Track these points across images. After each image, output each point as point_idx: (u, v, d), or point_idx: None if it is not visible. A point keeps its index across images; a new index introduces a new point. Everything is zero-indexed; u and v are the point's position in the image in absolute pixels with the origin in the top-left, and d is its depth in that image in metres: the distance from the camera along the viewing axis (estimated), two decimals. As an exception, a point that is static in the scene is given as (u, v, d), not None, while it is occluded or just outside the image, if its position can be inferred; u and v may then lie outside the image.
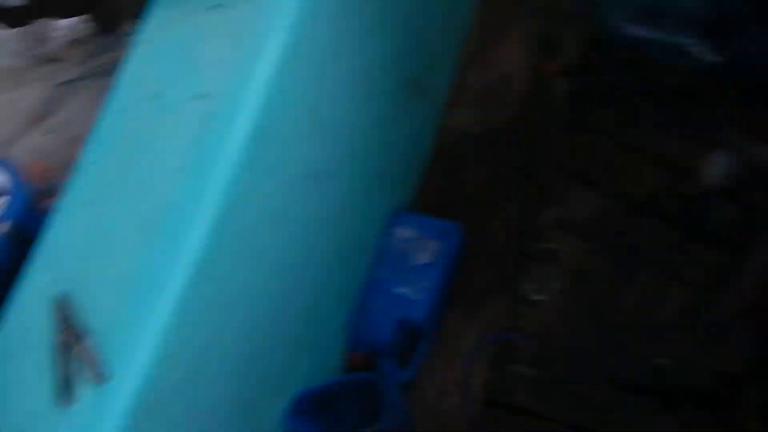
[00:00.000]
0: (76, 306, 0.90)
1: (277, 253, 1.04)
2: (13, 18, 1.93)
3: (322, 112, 1.07)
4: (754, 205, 1.26)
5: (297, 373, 1.18)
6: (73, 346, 0.87)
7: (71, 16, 2.03)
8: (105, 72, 1.88)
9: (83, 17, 2.03)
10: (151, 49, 1.07)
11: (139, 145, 0.99)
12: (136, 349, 0.84)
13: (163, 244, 0.89)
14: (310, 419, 1.18)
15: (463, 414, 1.25)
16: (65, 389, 0.84)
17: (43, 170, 1.56)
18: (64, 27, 2.05)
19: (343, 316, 1.28)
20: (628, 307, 1.25)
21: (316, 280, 1.15)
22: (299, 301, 1.13)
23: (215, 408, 0.99)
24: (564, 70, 1.45)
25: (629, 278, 1.27)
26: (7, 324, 0.95)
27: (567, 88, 1.42)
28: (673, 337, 1.21)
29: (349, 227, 1.22)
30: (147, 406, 0.85)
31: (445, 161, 1.45)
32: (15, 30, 2.03)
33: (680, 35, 1.29)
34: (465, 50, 1.53)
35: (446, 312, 1.29)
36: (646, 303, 1.25)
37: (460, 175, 1.43)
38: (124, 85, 1.06)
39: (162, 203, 0.92)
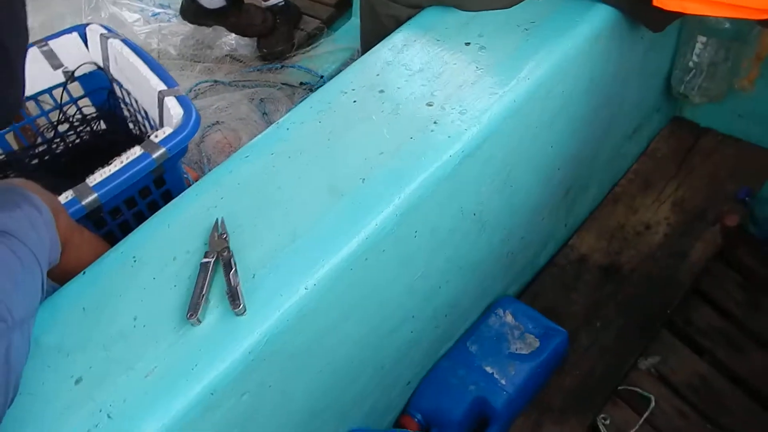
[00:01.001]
0: (231, 236, 0.90)
1: (420, 273, 1.04)
2: (212, 18, 2.08)
3: (514, 170, 1.14)
4: None
5: (359, 410, 1.14)
6: (217, 270, 0.86)
7: (244, 35, 2.19)
8: (248, 86, 2.03)
9: (252, 39, 2.19)
10: (390, 57, 1.15)
11: (347, 123, 1.03)
12: (282, 298, 0.83)
13: (349, 215, 0.90)
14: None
15: None
16: (197, 308, 0.82)
17: (228, 143, 1.62)
18: (231, 41, 2.21)
19: (415, 374, 1.25)
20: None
21: (423, 321, 1.14)
22: (404, 332, 1.11)
23: (293, 401, 0.95)
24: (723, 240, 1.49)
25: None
26: (154, 231, 0.95)
27: (708, 256, 1.45)
28: None
29: (469, 286, 1.21)
30: (263, 357, 0.82)
31: (559, 273, 1.47)
32: (192, 27, 2.19)
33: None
34: (618, 184, 1.61)
35: (519, 414, 1.24)
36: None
37: (570, 292, 1.43)
38: (349, 76, 1.12)
39: (357, 179, 0.94)
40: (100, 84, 1.47)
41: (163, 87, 1.23)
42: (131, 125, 1.50)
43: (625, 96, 1.43)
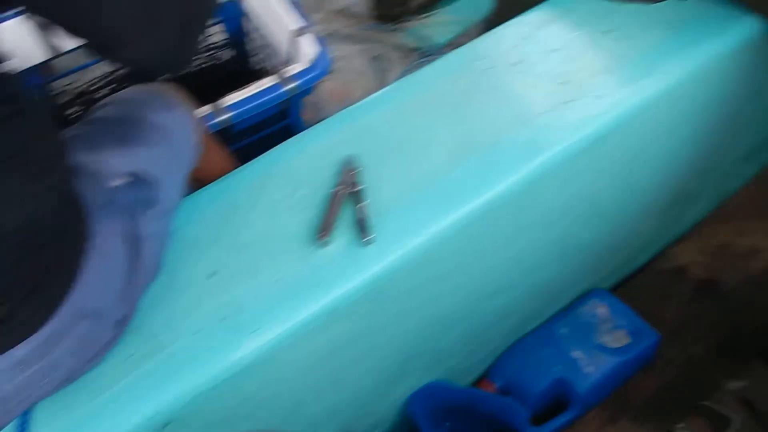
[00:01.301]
0: (362, 171, 0.94)
1: (530, 246, 1.06)
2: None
3: (635, 166, 1.13)
4: None
5: (443, 365, 1.17)
6: (346, 202, 0.91)
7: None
8: (363, 42, 2.05)
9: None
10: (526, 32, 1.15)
11: (480, 88, 1.04)
12: (407, 237, 0.87)
13: (477, 173, 0.93)
14: (431, 411, 1.15)
15: None
16: (328, 230, 0.86)
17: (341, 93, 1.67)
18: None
19: (499, 344, 1.27)
20: None
21: (520, 293, 1.16)
22: (501, 299, 1.13)
23: (393, 339, 0.99)
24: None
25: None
26: (287, 155, 1.00)
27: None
28: None
29: (568, 270, 1.22)
30: (380, 289, 0.87)
31: (656, 278, 1.44)
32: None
33: None
34: (727, 203, 1.57)
35: (596, 405, 1.24)
36: None
37: (664, 299, 1.41)
38: (483, 45, 1.14)
39: (488, 141, 0.96)
40: (234, 12, 1.51)
41: (297, 25, 1.27)
42: (254, 59, 1.56)
43: (753, 115, 1.38)
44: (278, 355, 0.82)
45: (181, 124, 0.87)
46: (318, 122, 1.05)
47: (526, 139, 0.97)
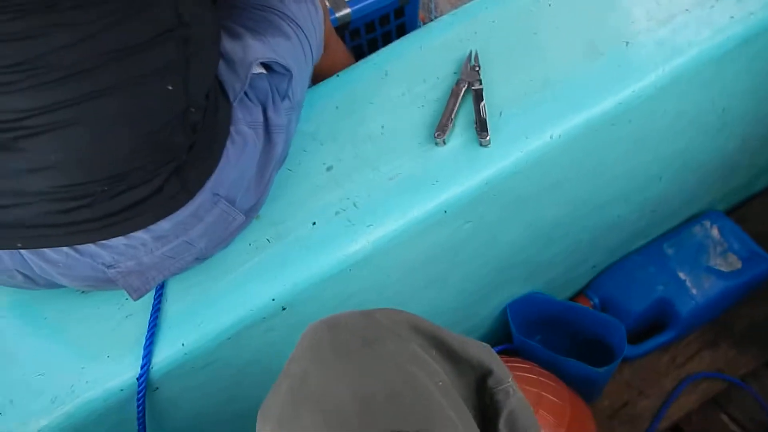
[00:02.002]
0: (483, 70, 0.90)
1: (648, 158, 1.00)
2: None
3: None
4: None
5: (543, 277, 1.15)
6: (466, 100, 0.88)
7: None
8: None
9: None
10: None
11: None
12: (527, 140, 0.83)
13: (606, 75, 0.87)
14: (526, 321, 1.15)
15: None
16: (446, 129, 0.84)
17: None
18: None
19: (602, 260, 1.24)
20: None
21: (631, 207, 1.11)
22: (611, 213, 1.09)
23: (498, 245, 0.98)
24: None
25: None
26: (406, 51, 0.96)
27: None
28: None
29: (685, 187, 1.15)
30: (495, 192, 0.85)
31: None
32: None
33: None
34: None
35: (694, 330, 1.21)
36: None
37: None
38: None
39: (621, 41, 0.89)
40: None
41: None
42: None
43: None
44: (388, 251, 0.83)
45: (310, 17, 0.85)
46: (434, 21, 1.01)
47: (662, 40, 0.89)
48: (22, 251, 0.67)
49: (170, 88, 0.63)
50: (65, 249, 0.66)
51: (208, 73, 0.68)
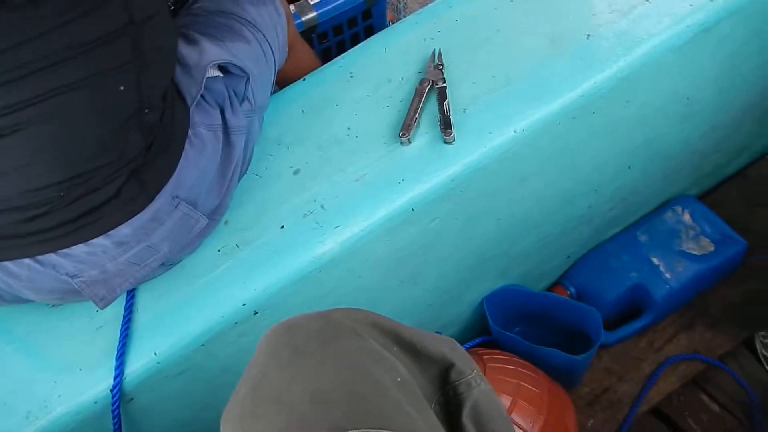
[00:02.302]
0: (447, 69, 0.90)
1: (616, 148, 1.01)
2: None
3: (738, 63, 1.06)
4: None
5: (517, 270, 1.16)
6: (430, 98, 0.88)
7: None
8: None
9: None
10: None
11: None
12: (490, 135, 0.84)
13: (567, 69, 0.88)
14: (503, 314, 1.17)
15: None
16: (410, 128, 0.85)
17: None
18: None
19: (576, 250, 1.25)
20: None
21: (602, 198, 1.12)
22: (582, 205, 1.10)
23: (469, 242, 0.99)
24: None
25: None
26: (371, 52, 0.97)
27: None
28: None
29: (656, 175, 1.16)
30: (461, 188, 0.86)
31: (747, 186, 1.37)
32: None
33: None
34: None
35: (673, 312, 1.23)
36: None
37: (754, 207, 1.34)
38: None
39: (582, 34, 0.90)
40: None
41: None
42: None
43: None
44: (358, 251, 0.84)
45: (272, 22, 0.85)
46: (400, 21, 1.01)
47: (623, 31, 0.90)
48: None
49: (122, 88, 0.63)
50: (27, 261, 0.66)
51: (163, 76, 0.69)
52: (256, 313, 0.80)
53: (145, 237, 0.68)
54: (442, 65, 0.90)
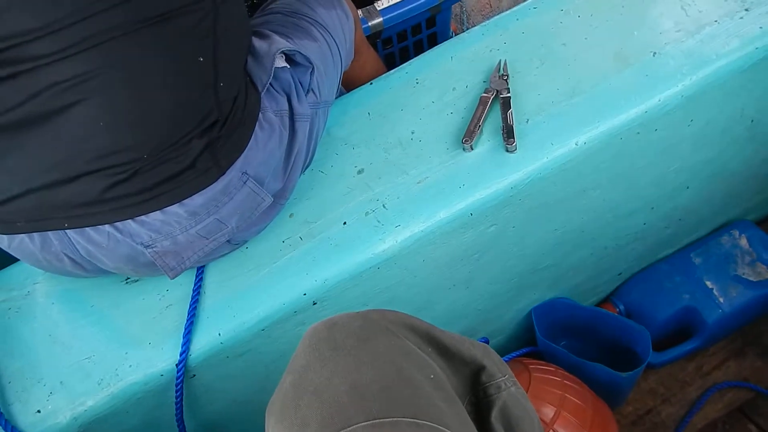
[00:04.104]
0: (512, 79, 0.93)
1: (676, 166, 1.01)
2: None
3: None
4: None
5: (569, 282, 1.17)
6: (494, 108, 0.91)
7: None
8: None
9: None
10: None
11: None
12: (552, 146, 0.86)
13: (632, 85, 0.89)
14: (550, 326, 1.17)
15: None
16: (473, 135, 0.87)
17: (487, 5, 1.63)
18: None
19: (628, 267, 1.25)
20: None
21: (658, 216, 1.12)
22: (637, 221, 1.10)
23: (523, 249, 1.00)
24: None
25: None
26: (437, 60, 1.00)
27: None
28: None
29: (714, 196, 1.16)
30: (520, 197, 0.87)
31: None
32: None
33: None
34: None
35: (720, 340, 1.21)
36: None
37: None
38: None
39: (648, 51, 0.92)
40: None
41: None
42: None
43: None
44: (415, 251, 0.86)
45: (340, 24, 0.89)
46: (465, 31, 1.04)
47: (690, 50, 0.91)
48: (69, 234, 0.72)
49: (201, 59, 0.68)
50: (107, 229, 0.70)
51: (237, 56, 0.74)
52: (315, 304, 0.84)
53: (215, 210, 0.72)
54: (507, 75, 0.93)
